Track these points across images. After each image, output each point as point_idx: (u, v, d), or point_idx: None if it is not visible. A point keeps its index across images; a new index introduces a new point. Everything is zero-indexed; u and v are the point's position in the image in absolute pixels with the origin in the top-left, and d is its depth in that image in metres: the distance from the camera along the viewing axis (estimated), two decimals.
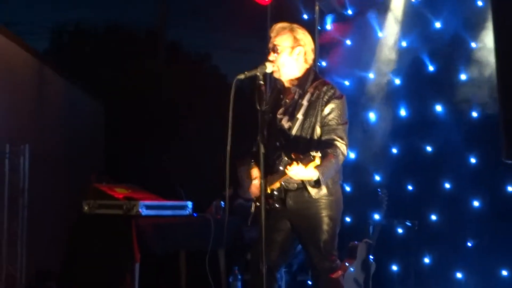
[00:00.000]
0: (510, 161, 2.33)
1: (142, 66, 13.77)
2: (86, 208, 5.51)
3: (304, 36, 4.12)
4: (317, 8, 7.08)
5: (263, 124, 3.81)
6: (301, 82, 4.09)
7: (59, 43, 17.03)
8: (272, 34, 4.13)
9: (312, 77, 4.12)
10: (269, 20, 7.16)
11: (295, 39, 4.08)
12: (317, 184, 3.78)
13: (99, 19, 16.89)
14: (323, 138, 3.95)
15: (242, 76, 3.85)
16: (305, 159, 3.50)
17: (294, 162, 3.53)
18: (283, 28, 4.12)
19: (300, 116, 3.99)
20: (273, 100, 4.21)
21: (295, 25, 4.17)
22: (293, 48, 4.07)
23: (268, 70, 4.00)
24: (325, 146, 3.87)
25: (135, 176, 7.71)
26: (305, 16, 7.27)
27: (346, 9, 7.08)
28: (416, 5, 6.66)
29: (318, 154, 3.50)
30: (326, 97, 3.99)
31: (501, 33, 2.19)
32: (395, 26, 6.80)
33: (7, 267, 6.85)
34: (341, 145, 3.92)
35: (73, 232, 5.57)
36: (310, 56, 4.15)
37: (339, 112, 3.99)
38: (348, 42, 7.26)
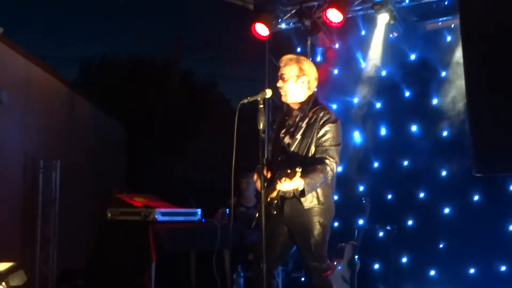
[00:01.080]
0: (479, 175, 2.31)
1: (159, 92, 13.79)
2: (109, 215, 5.49)
3: (308, 67, 4.11)
4: (309, 42, 7.09)
5: (262, 143, 3.81)
6: (303, 106, 4.09)
7: (87, 73, 17.07)
8: (281, 64, 4.14)
9: (313, 102, 4.11)
10: (267, 53, 7.19)
11: (301, 70, 4.08)
12: (302, 193, 3.78)
13: (121, 52, 16.98)
14: (316, 156, 3.95)
15: (245, 101, 3.86)
16: (290, 174, 3.55)
17: (283, 178, 3.55)
18: (291, 60, 4.12)
19: (298, 136, 3.99)
20: (279, 121, 4.21)
21: (301, 57, 4.18)
22: (298, 77, 4.06)
23: (268, 96, 3.99)
24: (316, 162, 3.88)
25: (152, 187, 7.67)
26: (298, 49, 7.28)
27: (334, 43, 7.08)
28: (393, 40, 6.66)
29: (299, 169, 3.56)
30: (322, 121, 3.99)
31: (470, 58, 2.19)
32: (376, 58, 6.79)
33: (41, 267, 6.81)
34: (331, 163, 3.90)
35: (98, 236, 5.53)
36: (313, 84, 4.14)
37: (332, 135, 3.97)
38: (336, 71, 7.26)
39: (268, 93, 3.97)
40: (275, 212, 3.92)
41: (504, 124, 2.18)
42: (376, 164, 6.90)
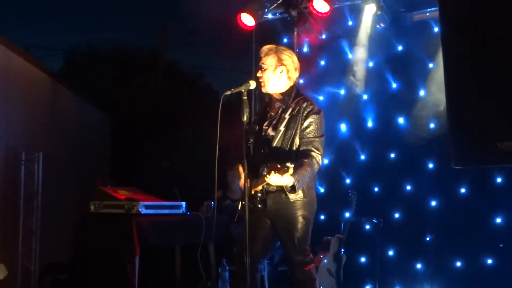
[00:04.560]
0: (458, 167, 2.36)
1: (144, 83, 13.74)
2: (92, 208, 5.48)
3: (288, 57, 4.13)
4: (295, 33, 7.11)
5: (247, 134, 3.83)
6: (285, 97, 4.10)
7: (72, 63, 16.97)
8: (261, 55, 4.15)
9: (295, 93, 4.13)
10: (254, 43, 7.19)
11: (279, 59, 4.09)
12: (292, 189, 3.80)
13: (107, 42, 16.87)
14: (301, 148, 3.96)
15: (228, 92, 3.88)
16: (281, 169, 3.53)
17: (272, 172, 3.55)
18: (270, 50, 4.14)
19: (282, 128, 3.99)
20: (261, 113, 4.22)
21: (281, 47, 4.19)
22: (276, 66, 4.08)
23: (252, 87, 4.00)
24: (302, 156, 3.88)
25: (136, 180, 7.68)
26: (285, 40, 7.30)
27: (321, 34, 7.10)
28: (381, 31, 6.70)
29: (291, 166, 3.55)
30: (306, 112, 4.00)
31: (448, 56, 2.24)
32: (363, 49, 6.82)
33: (23, 261, 6.81)
34: (317, 155, 3.92)
35: (81, 229, 5.52)
36: (294, 75, 4.15)
37: (316, 126, 3.99)
38: (322, 62, 7.29)
39: (252, 84, 3.99)
40: (259, 206, 3.94)
41: (481, 117, 2.23)
42: (362, 157, 6.94)
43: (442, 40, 2.33)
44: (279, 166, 3.54)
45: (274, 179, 3.61)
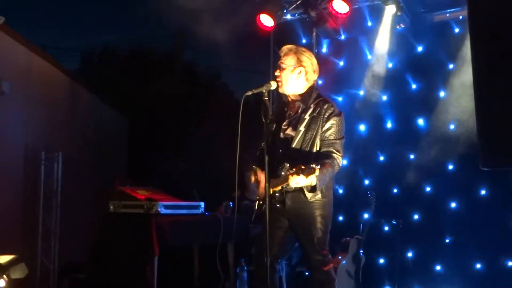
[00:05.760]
0: (486, 169, 2.33)
1: (161, 84, 13.78)
2: (112, 207, 5.49)
3: (307, 59, 4.12)
4: (314, 34, 7.10)
5: (267, 134, 3.82)
6: (304, 98, 4.09)
7: (89, 63, 17.06)
8: (281, 54, 4.16)
9: (315, 94, 4.12)
10: (272, 44, 7.18)
11: (298, 60, 4.09)
12: (313, 189, 3.78)
13: (123, 43, 16.93)
14: (322, 150, 3.95)
15: (249, 93, 3.87)
16: (306, 171, 3.50)
17: (295, 174, 3.53)
18: (290, 50, 4.14)
19: (302, 128, 3.98)
20: (277, 112, 4.20)
21: (301, 48, 4.18)
22: (295, 67, 4.07)
23: (273, 87, 4.00)
24: (324, 157, 3.87)
25: (154, 179, 7.69)
26: (304, 41, 7.28)
27: (340, 35, 7.07)
28: (401, 32, 6.65)
29: (318, 167, 3.51)
30: (327, 114, 3.99)
31: (477, 56, 2.21)
32: (383, 50, 6.78)
33: (42, 260, 6.85)
34: (338, 157, 3.92)
35: (100, 229, 5.54)
36: (312, 76, 4.14)
37: (337, 128, 3.99)
38: (341, 63, 7.26)
39: (273, 85, 3.99)
40: (277, 206, 3.93)
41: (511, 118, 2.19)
42: (382, 158, 6.90)
43: (471, 40, 2.30)
44: (303, 167, 3.51)
45: (299, 181, 3.59)
